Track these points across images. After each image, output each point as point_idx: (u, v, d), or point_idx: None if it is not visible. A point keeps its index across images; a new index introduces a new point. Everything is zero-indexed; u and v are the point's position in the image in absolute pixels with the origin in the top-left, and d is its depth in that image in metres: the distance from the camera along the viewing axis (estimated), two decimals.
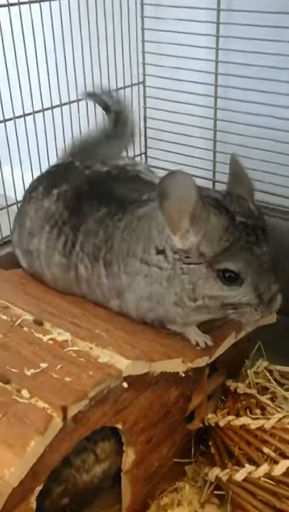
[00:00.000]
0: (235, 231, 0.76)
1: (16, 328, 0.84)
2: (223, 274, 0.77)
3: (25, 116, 1.20)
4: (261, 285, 0.77)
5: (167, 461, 0.91)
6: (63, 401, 0.68)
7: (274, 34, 1.17)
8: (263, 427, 0.83)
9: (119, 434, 0.82)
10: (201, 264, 0.78)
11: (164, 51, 1.36)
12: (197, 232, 0.77)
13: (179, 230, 0.78)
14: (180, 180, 0.75)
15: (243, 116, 1.27)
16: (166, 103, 1.40)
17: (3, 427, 0.66)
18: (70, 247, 0.95)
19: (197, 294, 0.80)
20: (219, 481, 0.85)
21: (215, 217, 0.77)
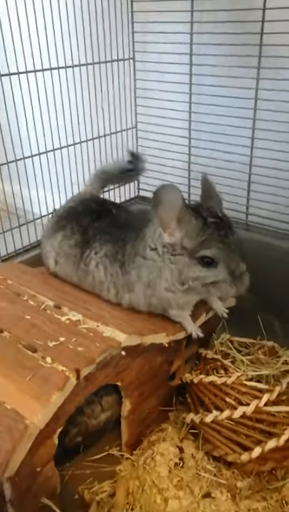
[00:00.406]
0: (208, 228, 0.77)
1: (41, 311, 0.84)
2: (201, 260, 0.77)
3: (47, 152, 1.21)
4: (232, 264, 0.77)
5: (155, 409, 0.91)
6: (77, 365, 0.69)
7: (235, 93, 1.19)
8: (226, 382, 0.84)
9: (119, 390, 0.83)
10: (184, 255, 0.79)
11: (151, 104, 1.37)
12: (181, 230, 0.78)
13: (168, 228, 0.79)
14: (170, 191, 0.76)
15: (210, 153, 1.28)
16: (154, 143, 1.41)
17: (31, 384, 0.67)
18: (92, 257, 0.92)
19: (184, 278, 0.79)
20: (193, 422, 0.86)
21: (194, 220, 0.77)
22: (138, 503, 0.77)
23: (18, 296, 0.89)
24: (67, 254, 0.96)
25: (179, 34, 1.24)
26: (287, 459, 0.79)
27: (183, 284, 0.80)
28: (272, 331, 1.08)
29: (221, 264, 0.77)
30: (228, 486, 0.79)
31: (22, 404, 0.65)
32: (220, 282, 0.78)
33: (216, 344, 0.96)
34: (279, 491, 0.78)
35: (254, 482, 0.79)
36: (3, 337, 0.77)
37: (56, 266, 0.99)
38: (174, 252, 0.80)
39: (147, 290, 0.85)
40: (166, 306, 0.86)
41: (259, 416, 0.80)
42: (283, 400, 0.82)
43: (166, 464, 0.82)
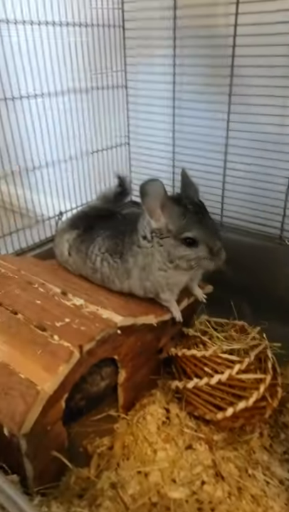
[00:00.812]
0: (188, 213, 0.76)
1: (49, 297, 0.83)
2: (185, 240, 0.76)
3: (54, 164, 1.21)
4: (210, 243, 0.76)
5: (146, 378, 0.92)
6: (80, 342, 0.69)
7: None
8: (204, 355, 0.84)
9: (115, 362, 0.83)
10: (169, 237, 0.78)
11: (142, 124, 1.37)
12: (165, 216, 0.78)
13: (154, 215, 0.78)
14: (153, 183, 0.75)
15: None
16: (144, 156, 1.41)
17: (42, 358, 0.67)
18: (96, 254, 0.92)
19: (172, 257, 0.79)
20: (178, 388, 0.86)
21: (176, 207, 0.77)
22: (132, 454, 0.77)
23: (30, 284, 0.88)
24: (78, 249, 0.96)
25: (164, 66, 1.24)
26: (254, 417, 0.81)
27: (172, 262, 0.80)
28: (243, 313, 1.09)
29: (201, 243, 0.76)
30: (206, 439, 0.80)
31: (34, 374, 0.65)
32: (201, 259, 0.77)
33: (196, 324, 0.96)
34: (248, 442, 0.79)
35: (227, 436, 0.80)
36: (17, 318, 0.77)
37: (70, 257, 0.98)
38: (161, 235, 0.79)
39: (142, 273, 0.84)
40: (158, 289, 0.85)
41: (232, 382, 0.80)
42: (251, 369, 0.82)
43: (155, 422, 0.82)
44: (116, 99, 1.35)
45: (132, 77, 1.35)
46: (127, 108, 1.39)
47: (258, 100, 1.11)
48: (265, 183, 1.15)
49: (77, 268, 0.97)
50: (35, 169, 1.15)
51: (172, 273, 0.82)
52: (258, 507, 0.69)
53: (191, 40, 1.16)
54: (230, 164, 1.20)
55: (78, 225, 1.01)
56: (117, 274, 0.89)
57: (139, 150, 1.42)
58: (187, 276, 0.85)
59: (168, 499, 0.69)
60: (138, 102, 1.36)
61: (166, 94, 1.28)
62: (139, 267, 0.85)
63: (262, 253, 1.15)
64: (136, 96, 1.36)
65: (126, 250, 0.87)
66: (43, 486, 0.69)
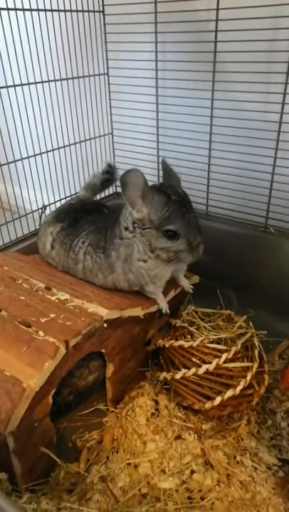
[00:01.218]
0: (172, 205, 0.76)
1: (33, 292, 0.82)
2: (166, 232, 0.76)
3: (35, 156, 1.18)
4: (190, 237, 0.76)
5: (134, 370, 0.92)
6: (66, 337, 0.68)
7: None
8: (192, 345, 0.84)
9: (103, 356, 0.82)
10: (151, 228, 0.78)
11: (125, 113, 1.35)
12: (146, 206, 0.77)
13: (135, 205, 0.78)
14: (133, 174, 0.75)
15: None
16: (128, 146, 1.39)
17: (27, 354, 0.66)
18: (80, 246, 0.91)
19: (153, 247, 0.79)
20: (166, 379, 0.86)
21: (157, 196, 0.77)
22: (122, 446, 0.77)
23: (13, 280, 0.87)
24: (61, 242, 0.94)
25: (146, 53, 1.22)
26: (242, 405, 0.81)
27: (152, 252, 0.80)
28: (229, 302, 1.10)
29: (182, 236, 0.76)
30: (195, 429, 0.80)
31: (19, 371, 0.64)
32: (180, 252, 0.77)
33: (184, 314, 0.96)
34: (236, 430, 0.80)
35: (216, 424, 0.81)
36: (1, 315, 0.75)
37: (52, 250, 0.96)
38: (144, 226, 0.79)
39: (125, 265, 0.84)
40: (141, 281, 0.85)
41: (219, 371, 0.81)
42: (238, 357, 0.83)
43: (144, 414, 0.83)
44: (98, 88, 1.32)
45: (114, 64, 1.32)
46: (109, 97, 1.36)
47: (241, 87, 1.10)
48: (250, 171, 1.15)
49: (59, 261, 0.96)
50: (16, 162, 1.12)
51: (152, 264, 0.82)
52: (246, 493, 0.70)
53: (174, 26, 1.14)
54: (215, 152, 1.20)
55: (63, 218, 0.99)
56: (100, 269, 0.88)
57: (123, 140, 1.39)
58: (169, 268, 0.85)
59: (158, 489, 0.70)
60: (120, 90, 1.34)
61: (149, 82, 1.25)
62: (121, 259, 0.84)
63: (247, 242, 1.16)
64: (118, 84, 1.34)
65: (108, 245, 0.86)
66: (32, 483, 0.69)
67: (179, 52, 1.17)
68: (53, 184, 1.25)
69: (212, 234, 1.21)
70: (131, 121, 1.34)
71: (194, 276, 1.01)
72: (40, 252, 1.01)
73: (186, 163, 1.25)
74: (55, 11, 1.11)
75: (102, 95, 1.34)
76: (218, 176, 1.21)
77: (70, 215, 1.00)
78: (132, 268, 0.84)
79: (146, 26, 1.17)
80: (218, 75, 1.10)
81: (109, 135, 1.41)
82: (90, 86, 1.29)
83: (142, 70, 1.25)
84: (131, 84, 1.30)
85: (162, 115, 1.27)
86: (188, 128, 1.22)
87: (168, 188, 0.79)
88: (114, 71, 1.32)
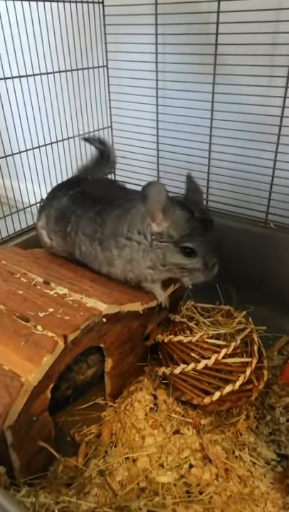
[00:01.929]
0: (194, 222, 0.76)
1: (32, 286, 0.82)
2: (184, 249, 0.77)
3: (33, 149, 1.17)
4: (207, 257, 0.77)
5: (133, 365, 0.92)
6: (64, 331, 0.68)
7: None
8: (191, 341, 0.84)
9: (102, 350, 0.82)
10: (169, 243, 0.78)
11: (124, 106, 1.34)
12: (167, 221, 0.77)
13: (156, 219, 0.77)
14: (154, 187, 0.74)
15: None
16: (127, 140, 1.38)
17: (26, 349, 0.66)
18: (75, 232, 0.90)
19: (166, 262, 0.79)
20: (165, 374, 0.86)
21: (179, 212, 0.76)
22: (120, 441, 0.78)
23: (11, 274, 0.87)
24: (54, 231, 0.94)
25: (146, 45, 1.20)
26: (241, 400, 0.82)
27: (164, 266, 0.80)
28: (229, 298, 1.10)
29: (199, 255, 0.77)
30: (194, 424, 0.81)
31: (18, 366, 0.64)
32: (195, 270, 0.78)
33: (183, 309, 0.96)
34: (234, 425, 0.81)
35: (214, 419, 0.81)
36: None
37: (52, 241, 0.96)
38: (161, 239, 0.78)
39: (127, 266, 0.84)
40: (141, 280, 0.85)
41: (218, 366, 0.81)
42: (237, 352, 0.83)
43: (143, 409, 0.83)
44: (97, 80, 1.31)
45: (113, 56, 1.30)
46: (109, 89, 1.35)
47: (242, 80, 1.09)
48: (251, 165, 1.15)
49: (62, 248, 0.95)
50: (14, 155, 1.11)
51: (159, 273, 0.82)
52: (244, 487, 0.71)
53: (174, 18, 1.12)
54: (216, 146, 1.19)
55: (46, 205, 0.98)
56: (96, 259, 0.88)
57: (122, 133, 1.38)
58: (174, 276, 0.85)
59: (156, 484, 0.70)
60: (120, 83, 1.33)
61: (149, 74, 1.24)
62: (124, 259, 0.84)
63: (247, 237, 1.15)
64: (117, 77, 1.32)
65: (108, 239, 0.85)
66: (31, 477, 0.69)
67: (179, 45, 1.16)
68: (52, 178, 1.24)
69: None
70: (130, 114, 1.33)
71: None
72: (47, 250, 1.00)
73: (186, 157, 1.24)
74: (53, 2, 1.10)
75: (101, 88, 1.33)
76: (218, 171, 1.21)
77: (51, 201, 0.98)
78: (135, 270, 0.84)
79: (146, 18, 1.16)
80: (219, 68, 1.09)
81: (109, 128, 1.40)
82: (88, 78, 1.28)
83: (141, 62, 1.24)
84: (131, 76, 1.29)
85: (162, 108, 1.26)
86: (188, 121, 1.21)
87: (192, 204, 0.78)
88: (114, 63, 1.31)
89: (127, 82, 1.30)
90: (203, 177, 1.23)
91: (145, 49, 1.21)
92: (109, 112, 1.38)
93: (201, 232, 0.76)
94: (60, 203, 0.95)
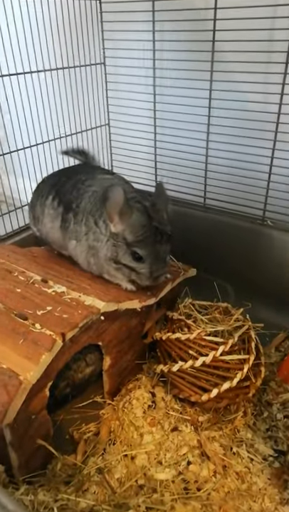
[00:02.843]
0: (148, 230, 0.78)
1: (30, 285, 0.82)
2: (134, 253, 0.78)
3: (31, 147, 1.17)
4: (154, 267, 0.79)
5: (131, 363, 0.92)
6: (63, 330, 0.68)
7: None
8: (189, 338, 0.84)
9: (100, 348, 0.82)
10: (123, 244, 0.79)
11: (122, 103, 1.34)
12: (122, 223, 0.78)
13: (113, 220, 0.79)
14: (115, 191, 0.76)
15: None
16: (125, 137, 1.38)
17: (24, 347, 0.66)
18: (57, 204, 0.91)
19: (118, 260, 0.81)
20: (163, 372, 0.87)
21: (136, 217, 0.78)
22: (118, 438, 0.78)
23: (9, 272, 0.86)
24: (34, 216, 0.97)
25: (143, 41, 1.20)
26: (238, 397, 0.82)
27: (116, 263, 0.82)
28: (226, 295, 1.10)
29: (146, 263, 0.79)
30: (192, 421, 0.81)
31: (16, 364, 0.64)
32: (140, 274, 0.80)
33: (181, 307, 0.96)
34: (232, 422, 0.81)
35: (212, 416, 0.82)
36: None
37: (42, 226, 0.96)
38: (117, 239, 0.80)
39: (89, 250, 0.85)
40: (103, 272, 0.86)
41: (216, 364, 0.81)
42: (235, 349, 0.83)
43: (141, 407, 0.83)
44: (94, 78, 1.30)
45: (111, 53, 1.30)
46: (106, 87, 1.35)
47: (240, 77, 1.08)
48: (248, 162, 1.15)
49: (47, 233, 0.95)
50: (12, 153, 1.10)
51: (113, 269, 0.83)
52: (242, 483, 0.71)
53: (171, 14, 1.12)
54: (213, 144, 1.19)
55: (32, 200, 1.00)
56: (67, 229, 0.88)
57: (120, 131, 1.38)
58: None
59: (154, 481, 0.70)
60: (117, 80, 1.32)
61: (146, 72, 1.24)
62: (88, 241, 0.85)
63: (244, 234, 1.15)
64: (115, 74, 1.32)
65: (81, 213, 0.86)
66: (29, 475, 0.69)
67: (177, 42, 1.15)
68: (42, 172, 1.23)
69: (209, 226, 1.21)
70: (128, 111, 1.33)
71: (191, 269, 1.00)
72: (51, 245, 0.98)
73: (184, 154, 1.24)
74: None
75: (98, 85, 1.32)
76: (215, 168, 1.21)
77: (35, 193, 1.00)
78: (95, 257, 0.84)
79: (143, 14, 1.15)
80: (217, 65, 1.09)
81: (106, 126, 1.39)
82: (86, 76, 1.27)
83: (139, 59, 1.23)
84: (128, 74, 1.28)
85: (160, 105, 1.26)
86: (185, 119, 1.20)
87: (154, 211, 0.80)
88: (111, 60, 1.31)
89: (125, 79, 1.30)
90: (200, 174, 1.22)
91: (143, 46, 1.20)
92: (107, 110, 1.38)
93: (152, 242, 0.78)
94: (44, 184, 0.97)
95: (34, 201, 0.98)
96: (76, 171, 0.95)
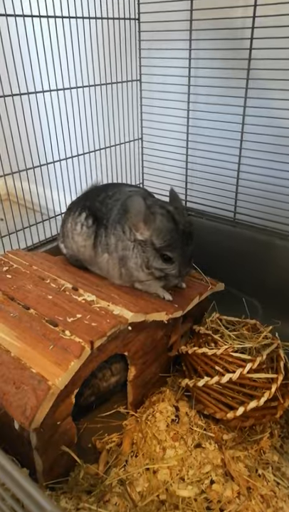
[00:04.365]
0: (176, 234, 0.80)
1: (61, 292, 0.83)
2: (163, 256, 0.81)
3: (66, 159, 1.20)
4: (182, 267, 0.82)
5: (156, 375, 0.91)
6: (91, 338, 0.69)
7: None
8: (215, 353, 0.83)
9: (126, 358, 0.83)
10: (152, 249, 0.81)
11: (155, 119, 1.36)
12: (148, 229, 0.80)
13: (138, 229, 0.82)
14: (135, 201, 0.79)
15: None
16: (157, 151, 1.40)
17: (53, 353, 0.67)
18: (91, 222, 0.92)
19: (150, 265, 0.83)
20: (188, 386, 0.86)
21: (161, 221, 0.80)
22: (141, 451, 0.77)
23: (42, 279, 0.89)
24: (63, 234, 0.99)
25: (179, 59, 1.22)
26: (265, 417, 0.80)
27: (148, 268, 0.83)
28: (255, 311, 1.08)
29: (175, 263, 0.82)
30: (216, 439, 0.79)
31: (46, 369, 0.65)
32: (171, 275, 0.83)
33: (208, 322, 0.95)
34: (258, 442, 0.79)
35: (237, 435, 0.80)
36: (29, 313, 0.77)
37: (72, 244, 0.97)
38: (145, 245, 0.82)
39: (119, 261, 0.87)
40: (134, 280, 0.87)
41: (243, 381, 0.79)
42: (263, 368, 0.81)
43: (165, 420, 0.82)
44: (130, 94, 1.34)
45: (147, 70, 1.33)
46: (141, 102, 1.38)
47: (275, 94, 1.08)
48: (281, 179, 1.13)
49: (78, 251, 0.96)
50: (48, 164, 1.15)
51: (144, 275, 0.85)
52: (267, 508, 0.68)
53: (208, 33, 1.14)
54: (246, 159, 1.18)
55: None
56: (100, 244, 0.90)
57: (152, 145, 1.40)
58: (158, 283, 0.87)
59: (176, 497, 0.69)
60: (152, 96, 1.35)
61: (180, 88, 1.26)
62: (118, 252, 0.87)
63: (275, 250, 1.13)
64: (150, 90, 1.35)
65: (111, 226, 0.88)
66: (52, 481, 0.69)
67: (212, 60, 1.17)
68: (83, 187, 1.26)
69: (239, 242, 1.20)
70: (161, 126, 1.35)
71: (219, 284, 1.00)
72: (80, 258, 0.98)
73: (215, 169, 1.25)
74: (92, 19, 1.14)
75: (133, 101, 1.36)
76: (247, 183, 1.20)
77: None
78: (125, 266, 0.86)
79: (180, 33, 1.18)
80: (252, 82, 1.09)
81: (139, 140, 1.42)
82: (122, 92, 1.31)
83: (174, 76, 1.26)
84: (163, 90, 1.31)
85: (193, 121, 1.27)
86: (218, 134, 1.21)
87: (179, 214, 0.82)
88: (147, 77, 1.34)
89: (159, 96, 1.32)
90: (231, 189, 1.22)
91: (178, 63, 1.23)
92: (141, 124, 1.41)
93: (180, 245, 0.80)
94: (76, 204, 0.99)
95: (66, 220, 1.00)
96: (102, 189, 0.97)
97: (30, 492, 0.30)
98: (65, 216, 1.02)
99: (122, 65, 1.29)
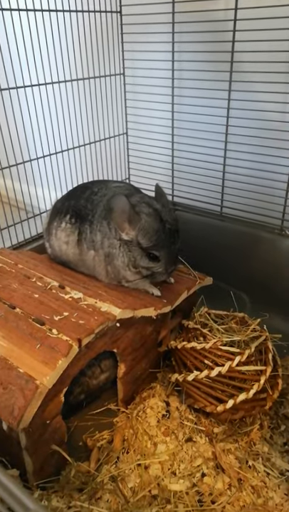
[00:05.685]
0: (163, 234, 0.80)
1: (47, 290, 0.83)
2: (150, 255, 0.81)
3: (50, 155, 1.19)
4: (168, 265, 0.83)
5: (145, 371, 0.92)
6: (79, 335, 0.69)
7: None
8: (204, 347, 0.83)
9: (115, 355, 0.83)
10: (138, 248, 0.81)
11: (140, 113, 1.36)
12: (134, 229, 0.80)
13: (123, 229, 0.81)
14: (118, 200, 0.79)
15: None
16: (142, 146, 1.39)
17: (41, 352, 0.67)
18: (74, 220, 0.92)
19: (137, 264, 0.83)
20: (178, 381, 0.86)
21: (147, 221, 0.79)
22: (132, 447, 0.77)
23: (27, 278, 0.88)
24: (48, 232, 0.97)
25: (162, 53, 1.22)
26: (254, 409, 0.81)
27: (135, 267, 0.84)
28: (243, 305, 1.09)
29: (161, 262, 0.82)
30: (207, 432, 0.80)
31: (33, 369, 0.65)
32: (157, 273, 0.84)
33: (196, 316, 0.96)
34: (248, 434, 0.80)
35: (227, 428, 0.81)
36: (15, 313, 0.76)
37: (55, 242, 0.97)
38: (131, 245, 0.82)
39: (106, 258, 0.87)
40: (120, 279, 0.87)
41: (232, 374, 0.80)
42: (252, 360, 0.82)
43: (155, 416, 0.83)
44: (113, 88, 1.33)
45: (130, 64, 1.32)
46: (125, 97, 1.37)
47: (259, 87, 1.09)
48: (267, 172, 1.14)
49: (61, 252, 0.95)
50: (32, 161, 1.13)
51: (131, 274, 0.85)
52: (258, 498, 0.70)
53: (191, 26, 1.14)
54: (231, 153, 1.19)
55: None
56: (85, 240, 0.89)
57: (138, 140, 1.40)
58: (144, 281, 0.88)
59: (168, 492, 0.69)
60: (136, 90, 1.34)
61: (164, 82, 1.25)
62: (104, 249, 0.86)
63: (262, 243, 1.14)
64: (134, 84, 1.34)
65: (96, 221, 0.87)
66: (43, 480, 0.69)
67: (195, 52, 1.17)
68: (68, 184, 1.26)
69: (226, 235, 1.20)
70: (146, 121, 1.35)
71: (207, 278, 1.00)
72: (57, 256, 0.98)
73: (201, 163, 1.25)
74: (72, 12, 1.12)
75: (117, 95, 1.35)
76: (233, 177, 1.21)
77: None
78: (112, 266, 0.86)
79: (163, 26, 1.18)
80: (236, 75, 1.09)
81: (124, 135, 1.41)
82: (105, 86, 1.30)
83: (158, 70, 1.25)
84: (147, 84, 1.30)
85: (178, 115, 1.27)
86: (203, 128, 1.21)
87: (166, 213, 0.82)
88: (130, 71, 1.33)
89: (143, 90, 1.32)
90: (217, 183, 1.23)
91: (162, 57, 1.23)
92: (125, 119, 1.40)
93: (167, 244, 0.81)
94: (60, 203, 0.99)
95: (51, 219, 0.98)
96: (87, 187, 0.96)
97: (13, 491, 0.30)
98: (50, 216, 1.00)
99: (104, 59, 1.28)
